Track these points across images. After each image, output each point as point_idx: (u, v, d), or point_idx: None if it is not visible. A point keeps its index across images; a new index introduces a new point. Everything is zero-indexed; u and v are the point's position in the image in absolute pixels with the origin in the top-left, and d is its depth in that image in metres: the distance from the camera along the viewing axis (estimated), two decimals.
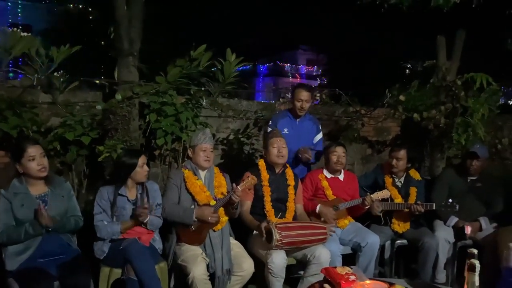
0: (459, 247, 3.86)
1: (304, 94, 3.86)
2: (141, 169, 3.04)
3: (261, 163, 3.51)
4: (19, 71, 4.08)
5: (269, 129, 3.85)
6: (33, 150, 2.72)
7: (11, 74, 5.37)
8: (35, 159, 2.72)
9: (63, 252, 2.76)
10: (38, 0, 16.80)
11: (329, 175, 3.80)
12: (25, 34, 4.20)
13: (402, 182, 4.00)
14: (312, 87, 4.39)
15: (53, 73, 4.21)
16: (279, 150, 3.44)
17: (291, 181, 3.50)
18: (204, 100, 4.31)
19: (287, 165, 3.60)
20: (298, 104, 3.88)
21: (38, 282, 2.45)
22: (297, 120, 3.98)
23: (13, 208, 2.67)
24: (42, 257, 2.67)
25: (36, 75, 3.86)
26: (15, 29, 4.12)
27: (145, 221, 2.96)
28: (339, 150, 3.76)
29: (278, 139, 3.48)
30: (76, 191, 3.88)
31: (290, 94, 4.13)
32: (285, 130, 3.91)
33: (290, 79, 26.54)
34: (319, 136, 4.10)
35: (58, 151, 3.73)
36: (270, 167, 3.49)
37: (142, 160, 3.05)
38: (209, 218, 3.03)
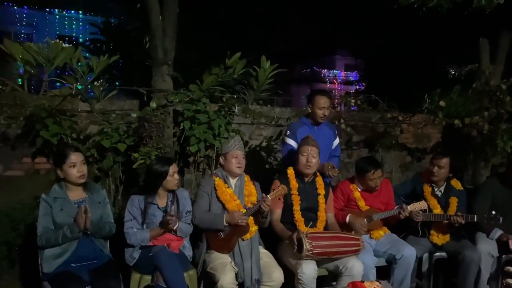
0: (504, 262, 3.64)
1: (326, 101, 3.70)
2: (172, 177, 3.06)
3: (290, 171, 3.43)
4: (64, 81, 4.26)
5: (287, 139, 3.72)
6: (75, 157, 2.83)
7: (58, 84, 5.63)
8: (76, 165, 2.83)
9: (95, 258, 2.82)
10: (83, 13, 17.65)
11: (361, 187, 3.68)
12: (67, 45, 4.35)
13: (442, 191, 3.82)
14: (331, 93, 4.26)
15: (92, 82, 4.37)
16: (307, 159, 3.34)
17: (321, 190, 3.41)
18: (236, 108, 4.31)
19: (318, 174, 3.51)
20: (320, 112, 3.71)
21: (71, 287, 2.52)
22: (316, 127, 3.82)
23: (52, 212, 2.78)
24: (76, 262, 2.75)
25: (75, 84, 4.01)
26: (57, 40, 4.29)
27: (174, 228, 2.98)
28: (377, 174, 3.56)
29: (308, 148, 3.35)
30: (112, 197, 3.99)
31: (307, 101, 3.94)
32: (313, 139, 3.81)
33: (328, 85, 26.25)
34: (337, 141, 3.95)
35: (96, 158, 3.85)
36: (299, 175, 3.42)
37: (173, 168, 3.07)
38: (239, 220, 3.02)
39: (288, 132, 3.79)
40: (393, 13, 5.23)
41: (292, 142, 3.70)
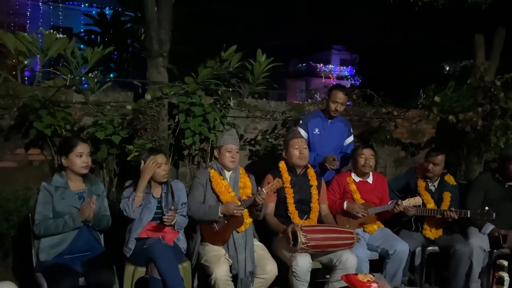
0: (496, 256, 3.67)
1: (340, 97, 3.77)
2: (159, 169, 3.04)
3: (282, 165, 3.47)
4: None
5: (299, 128, 3.79)
6: (83, 147, 2.89)
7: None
8: (82, 156, 2.88)
9: (89, 249, 2.83)
10: (77, 4, 17.47)
11: (357, 179, 3.71)
12: (61, 35, 4.31)
13: (436, 186, 3.85)
14: (349, 89, 4.31)
15: (87, 74, 4.34)
16: (300, 151, 3.39)
17: (313, 181, 3.44)
18: (232, 101, 4.30)
19: (309, 165, 3.54)
20: (333, 106, 3.79)
21: (64, 278, 2.51)
22: (329, 121, 3.91)
23: (53, 201, 2.80)
24: (69, 253, 2.75)
25: (69, 75, 3.98)
26: (52, 31, 4.24)
27: (172, 223, 2.98)
28: (367, 152, 3.66)
29: (299, 140, 3.41)
30: (106, 189, 3.97)
31: (326, 94, 4.03)
32: (316, 130, 3.85)
33: (323, 79, 26.29)
34: (350, 138, 4.01)
35: (90, 150, 3.82)
36: (291, 168, 3.45)
37: (159, 159, 3.05)
38: (234, 211, 3.02)
39: (301, 122, 3.90)
40: (389, 8, 5.23)
41: (302, 132, 3.76)
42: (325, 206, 3.54)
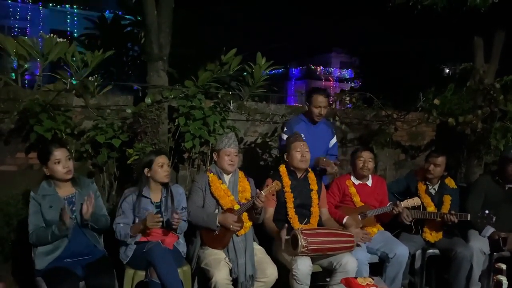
0: (496, 259, 3.67)
1: (322, 100, 3.73)
2: (161, 168, 3.03)
3: (282, 168, 3.45)
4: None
5: (284, 135, 3.74)
6: (59, 153, 2.78)
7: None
8: (61, 162, 2.78)
9: (89, 253, 2.82)
10: (78, 8, 17.54)
11: (356, 181, 3.71)
12: (61, 39, 4.32)
13: (436, 189, 3.85)
14: (329, 92, 4.31)
15: (87, 77, 4.35)
16: (302, 154, 3.38)
17: (313, 186, 3.44)
18: (232, 104, 4.31)
19: (309, 169, 3.53)
20: (316, 111, 3.74)
21: (65, 282, 2.51)
22: (313, 125, 3.85)
23: (42, 210, 2.76)
24: (69, 257, 2.74)
25: (69, 79, 3.99)
26: (52, 35, 4.26)
27: (174, 227, 2.97)
28: (365, 154, 3.66)
29: (301, 144, 3.41)
30: (106, 192, 3.99)
31: (306, 99, 3.97)
32: (302, 135, 3.83)
33: (323, 82, 26.29)
34: (334, 139, 3.99)
35: (90, 153, 3.84)
36: (292, 172, 3.44)
37: (162, 159, 3.04)
38: (231, 226, 3.02)
39: (285, 129, 3.82)
40: (388, 11, 5.24)
41: None
42: (325, 210, 3.53)
